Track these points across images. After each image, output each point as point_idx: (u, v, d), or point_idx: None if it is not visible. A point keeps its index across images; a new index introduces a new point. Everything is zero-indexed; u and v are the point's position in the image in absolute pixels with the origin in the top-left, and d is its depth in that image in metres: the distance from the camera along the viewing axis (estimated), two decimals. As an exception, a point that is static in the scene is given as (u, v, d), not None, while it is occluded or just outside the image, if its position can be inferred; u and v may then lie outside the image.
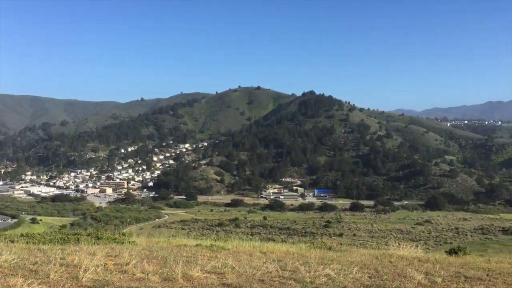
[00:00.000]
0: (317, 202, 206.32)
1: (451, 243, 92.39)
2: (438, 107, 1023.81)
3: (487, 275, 11.58)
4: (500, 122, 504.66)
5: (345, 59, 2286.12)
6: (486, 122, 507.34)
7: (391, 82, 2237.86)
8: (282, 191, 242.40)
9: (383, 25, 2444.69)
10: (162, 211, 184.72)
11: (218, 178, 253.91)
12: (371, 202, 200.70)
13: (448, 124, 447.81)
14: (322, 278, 9.14)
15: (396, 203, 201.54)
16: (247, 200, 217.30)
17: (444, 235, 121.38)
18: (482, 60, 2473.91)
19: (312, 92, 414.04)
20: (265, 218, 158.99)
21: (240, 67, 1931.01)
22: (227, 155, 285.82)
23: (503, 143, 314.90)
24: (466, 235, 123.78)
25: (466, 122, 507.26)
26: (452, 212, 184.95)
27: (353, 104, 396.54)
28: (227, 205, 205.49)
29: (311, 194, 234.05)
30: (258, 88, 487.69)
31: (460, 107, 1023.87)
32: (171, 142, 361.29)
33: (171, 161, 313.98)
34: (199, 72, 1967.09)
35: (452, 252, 19.16)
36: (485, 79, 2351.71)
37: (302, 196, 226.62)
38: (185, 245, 14.29)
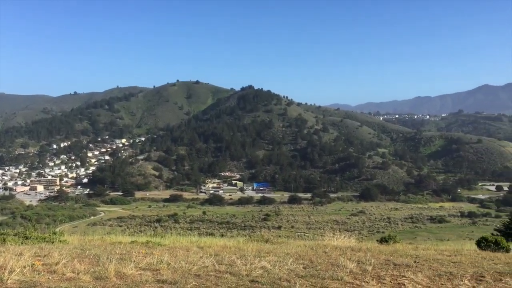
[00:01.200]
0: (256, 195, 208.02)
1: (383, 232, 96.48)
2: (371, 101, 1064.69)
3: (415, 261, 12.18)
4: (428, 116, 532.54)
5: (284, 55, 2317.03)
6: (415, 116, 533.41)
7: (327, 78, 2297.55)
8: (222, 185, 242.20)
9: (318, 23, 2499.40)
10: (98, 208, 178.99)
11: (156, 173, 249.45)
12: (308, 195, 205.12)
13: (381, 118, 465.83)
14: (258, 271, 9.23)
15: (332, 195, 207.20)
16: (186, 195, 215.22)
17: (377, 224, 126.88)
18: (411, 58, 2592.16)
19: (251, 87, 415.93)
20: (204, 213, 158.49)
21: (178, 61, 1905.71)
22: (166, 150, 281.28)
23: (430, 136, 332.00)
24: (397, 224, 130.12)
25: (397, 116, 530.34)
26: (384, 203, 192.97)
27: (291, 99, 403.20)
28: (165, 200, 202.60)
29: (250, 188, 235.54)
30: (197, 82, 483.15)
31: (392, 102, 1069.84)
32: (107, 137, 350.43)
33: (107, 157, 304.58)
34: (136, 65, 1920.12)
35: (383, 240, 19.96)
36: (414, 75, 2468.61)
37: (241, 190, 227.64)
38: (119, 243, 13.93)
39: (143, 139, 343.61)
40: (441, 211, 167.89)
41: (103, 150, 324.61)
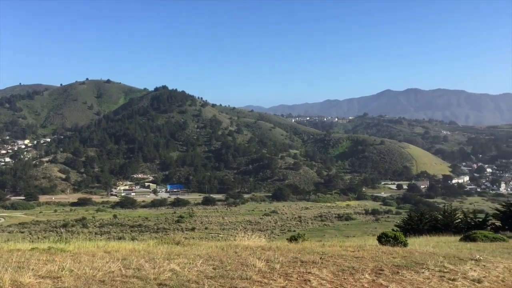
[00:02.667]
0: (170, 197, 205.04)
1: (294, 230, 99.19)
2: (284, 104, 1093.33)
3: (320, 258, 12.67)
4: (336, 119, 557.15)
5: (199, 56, 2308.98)
6: (325, 119, 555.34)
7: (242, 80, 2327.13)
8: (134, 187, 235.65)
9: (230, 24, 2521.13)
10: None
11: (63, 176, 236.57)
12: (222, 196, 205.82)
13: (293, 120, 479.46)
14: (166, 274, 9.09)
15: (246, 196, 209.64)
16: (96, 198, 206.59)
17: (289, 223, 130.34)
18: (321, 62, 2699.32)
19: (165, 87, 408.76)
20: (115, 216, 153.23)
21: (88, 59, 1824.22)
22: (74, 151, 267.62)
23: (338, 138, 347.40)
24: (307, 222, 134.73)
25: (308, 118, 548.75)
26: (295, 202, 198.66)
27: (206, 100, 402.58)
28: (73, 204, 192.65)
29: (163, 190, 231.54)
30: (108, 81, 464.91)
31: (303, 105, 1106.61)
32: (8, 138, 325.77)
33: (7, 159, 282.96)
34: (41, 62, 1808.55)
35: (292, 239, 20.54)
36: (324, 79, 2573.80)
37: (155, 192, 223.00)
38: (18, 250, 13.00)
39: (48, 140, 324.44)
40: (348, 209, 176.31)
41: (3, 151, 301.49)
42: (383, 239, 19.67)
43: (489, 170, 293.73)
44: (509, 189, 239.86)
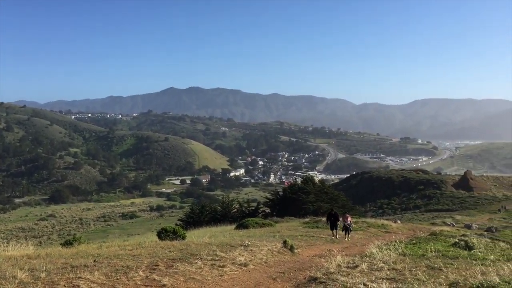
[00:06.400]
0: None
1: (75, 234, 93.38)
2: (62, 99, 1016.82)
3: (94, 260, 12.18)
4: (120, 116, 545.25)
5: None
6: (108, 116, 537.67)
7: (10, 71, 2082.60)
8: None
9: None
10: None
11: None
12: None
13: (73, 117, 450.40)
14: None
15: (17, 200, 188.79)
16: None
17: (68, 227, 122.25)
18: (103, 59, 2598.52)
19: None
20: None
21: None
22: None
23: (123, 135, 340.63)
24: (89, 224, 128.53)
25: (90, 115, 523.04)
26: (76, 204, 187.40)
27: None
28: None
29: None
30: None
31: (84, 101, 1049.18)
32: None
33: None
34: None
35: (67, 243, 19.30)
36: (106, 75, 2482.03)
37: None
38: None
39: None
40: (132, 207, 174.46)
41: None
42: (162, 234, 20.09)
43: (261, 162, 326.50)
44: (277, 179, 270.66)
